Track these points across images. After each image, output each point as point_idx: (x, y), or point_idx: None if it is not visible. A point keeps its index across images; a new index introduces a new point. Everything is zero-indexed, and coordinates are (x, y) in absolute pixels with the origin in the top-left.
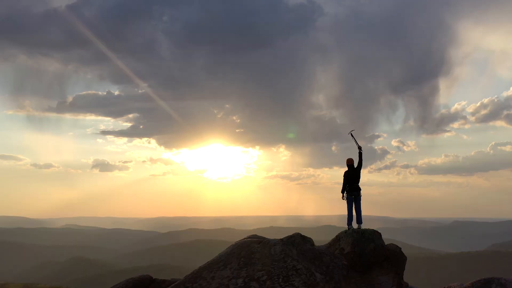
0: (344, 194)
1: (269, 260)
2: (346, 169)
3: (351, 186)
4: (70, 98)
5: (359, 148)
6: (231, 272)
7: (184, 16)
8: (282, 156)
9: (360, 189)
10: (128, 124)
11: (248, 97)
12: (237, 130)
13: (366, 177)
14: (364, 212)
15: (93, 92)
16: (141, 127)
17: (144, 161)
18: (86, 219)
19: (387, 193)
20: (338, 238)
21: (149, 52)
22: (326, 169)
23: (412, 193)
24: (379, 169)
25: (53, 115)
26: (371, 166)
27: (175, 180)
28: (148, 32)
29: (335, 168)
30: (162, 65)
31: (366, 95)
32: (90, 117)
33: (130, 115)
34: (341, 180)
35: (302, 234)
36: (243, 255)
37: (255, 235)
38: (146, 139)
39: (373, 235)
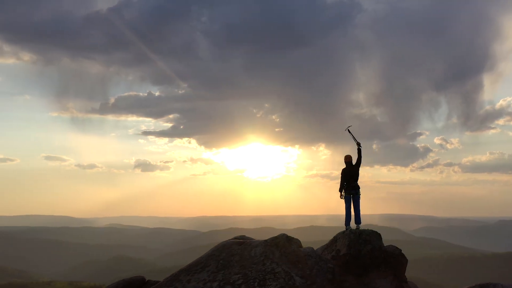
0: (342, 193)
1: (247, 262)
2: (344, 166)
3: (349, 185)
4: (112, 100)
5: (358, 144)
6: (208, 275)
7: (222, 16)
8: (322, 155)
9: (359, 188)
10: (169, 125)
11: (287, 96)
12: (276, 129)
13: (407, 175)
14: (406, 210)
15: (134, 93)
16: (181, 127)
17: (184, 161)
18: (129, 218)
19: (430, 192)
20: (335, 239)
21: (188, 53)
22: (367, 167)
23: (456, 192)
24: (422, 168)
25: (96, 116)
26: (413, 165)
27: (215, 179)
28: (187, 32)
29: (376, 166)
30: (201, 66)
31: (407, 92)
32: (132, 118)
33: (171, 116)
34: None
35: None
36: (222, 258)
37: (243, 235)
38: (186, 139)
39: (371, 236)
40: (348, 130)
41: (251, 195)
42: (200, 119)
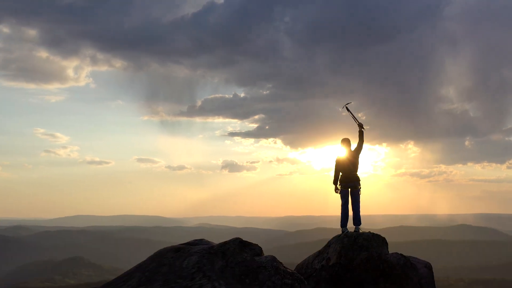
0: (338, 186)
1: (173, 276)
2: (341, 154)
3: (346, 175)
4: (199, 102)
5: (360, 126)
6: None
7: (305, 15)
8: (411, 153)
9: (359, 180)
10: (254, 125)
11: (373, 93)
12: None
13: (504, 173)
14: (504, 210)
15: (220, 95)
16: (266, 127)
17: (270, 161)
18: (217, 218)
19: None
20: (328, 245)
21: (272, 53)
22: (460, 165)
23: None
24: None
25: (184, 119)
26: (510, 162)
27: (301, 179)
28: (270, 33)
29: (469, 164)
30: (285, 66)
31: (502, 85)
32: (218, 120)
33: (256, 116)
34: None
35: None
36: (150, 269)
37: (202, 239)
38: (272, 139)
39: (369, 241)
40: (347, 108)
41: (338, 194)
42: (285, 119)
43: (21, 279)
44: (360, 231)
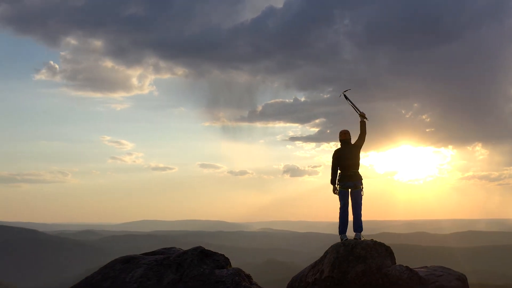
0: (337, 186)
1: None
2: (339, 147)
3: (345, 173)
4: (259, 107)
5: (362, 115)
6: None
7: (365, 17)
8: (479, 155)
9: (360, 178)
10: (315, 129)
11: (437, 94)
12: (427, 130)
13: None
14: None
15: (280, 100)
16: (328, 131)
17: None
18: (280, 223)
19: None
20: (325, 255)
21: (332, 56)
22: None
23: None
24: None
25: (245, 124)
26: None
27: (364, 183)
28: (329, 36)
29: None
30: (345, 68)
31: None
32: (279, 124)
33: (317, 120)
34: None
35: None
36: (94, 282)
37: (172, 247)
38: (333, 143)
39: (369, 251)
40: (345, 96)
41: (402, 198)
42: (346, 122)
43: None
44: (362, 238)
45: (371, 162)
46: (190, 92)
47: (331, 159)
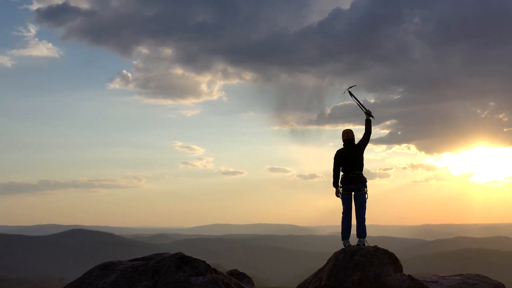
0: (339, 189)
1: None
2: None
3: (348, 175)
4: (328, 110)
5: (368, 113)
6: None
7: (435, 15)
8: None
9: (364, 181)
10: (386, 131)
11: None
12: (505, 129)
13: None
14: None
15: (350, 102)
16: (399, 133)
17: (404, 168)
18: None
19: None
20: (328, 262)
21: (401, 56)
22: None
23: None
24: None
25: (313, 127)
26: None
27: (438, 185)
28: (399, 36)
29: None
30: (416, 68)
31: None
32: (348, 127)
33: (387, 122)
34: None
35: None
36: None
37: (164, 253)
38: (405, 145)
39: (369, 259)
40: (349, 92)
41: (480, 201)
42: (418, 123)
43: None
44: (366, 244)
45: (446, 164)
46: (258, 96)
47: (333, 161)
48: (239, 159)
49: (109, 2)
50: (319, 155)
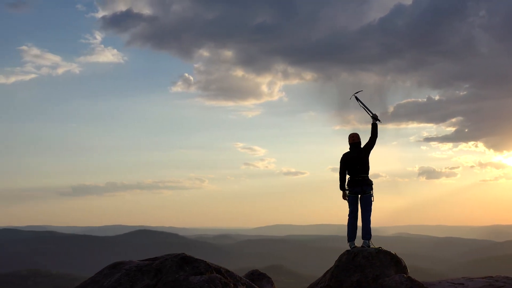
0: (346, 192)
1: None
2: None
3: (354, 178)
4: (391, 108)
5: (375, 117)
6: None
7: (503, 7)
8: None
9: (370, 183)
10: (452, 129)
11: None
12: None
13: None
14: None
15: (413, 99)
16: (465, 130)
17: (472, 166)
18: (416, 227)
19: None
20: (335, 263)
21: (467, 51)
22: None
23: None
24: None
25: None
26: None
27: (509, 184)
28: (464, 30)
29: None
30: (483, 63)
31: None
32: (412, 125)
33: (453, 119)
34: None
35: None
36: (84, 285)
37: (179, 254)
38: (472, 142)
39: (370, 260)
40: (356, 98)
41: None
42: (486, 120)
43: None
44: (371, 246)
45: None
46: (319, 96)
47: (339, 164)
48: (301, 159)
49: (170, 7)
50: (383, 154)
